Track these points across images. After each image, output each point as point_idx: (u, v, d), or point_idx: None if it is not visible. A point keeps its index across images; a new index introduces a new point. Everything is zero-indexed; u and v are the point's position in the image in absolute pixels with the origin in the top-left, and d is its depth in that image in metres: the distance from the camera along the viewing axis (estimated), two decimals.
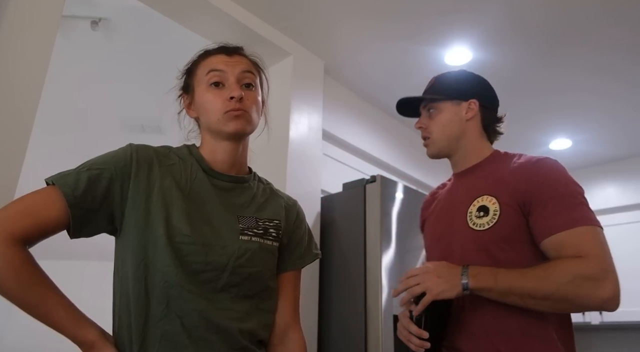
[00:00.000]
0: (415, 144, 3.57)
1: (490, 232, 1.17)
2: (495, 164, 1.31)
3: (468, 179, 1.33)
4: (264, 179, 1.21)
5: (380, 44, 2.70)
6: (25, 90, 1.48)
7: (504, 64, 2.79)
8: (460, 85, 1.41)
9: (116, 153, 1.00)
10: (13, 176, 1.39)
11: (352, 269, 2.25)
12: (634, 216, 3.74)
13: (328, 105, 2.85)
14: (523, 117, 3.39)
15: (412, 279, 1.12)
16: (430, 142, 1.41)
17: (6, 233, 0.85)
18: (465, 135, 1.36)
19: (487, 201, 1.21)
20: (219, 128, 1.06)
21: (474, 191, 1.26)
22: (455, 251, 1.22)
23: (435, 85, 1.43)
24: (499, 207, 1.17)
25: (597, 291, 1.07)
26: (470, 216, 1.22)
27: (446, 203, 1.36)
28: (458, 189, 1.34)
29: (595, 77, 2.89)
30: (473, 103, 1.37)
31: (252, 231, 1.05)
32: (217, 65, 1.08)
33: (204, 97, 1.07)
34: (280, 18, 2.49)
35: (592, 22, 2.43)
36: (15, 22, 1.49)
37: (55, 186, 0.92)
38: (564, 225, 1.10)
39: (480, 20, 2.47)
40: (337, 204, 2.49)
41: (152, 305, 0.92)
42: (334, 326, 2.26)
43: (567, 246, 1.08)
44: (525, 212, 1.15)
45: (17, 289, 0.85)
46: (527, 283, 1.06)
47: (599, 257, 1.08)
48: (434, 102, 1.38)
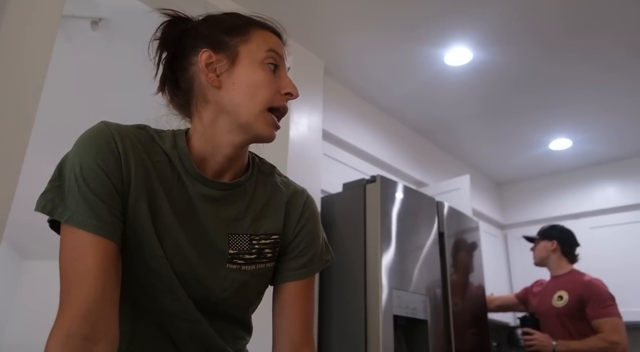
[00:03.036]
0: (415, 144, 3.57)
1: (562, 309, 2.49)
2: (569, 276, 2.64)
3: (553, 282, 2.69)
4: (266, 166, 0.98)
5: (380, 44, 2.70)
6: (25, 90, 1.48)
7: (504, 64, 2.79)
8: (548, 231, 2.79)
9: (99, 147, 0.76)
10: (13, 176, 1.39)
11: (352, 269, 2.25)
12: (634, 216, 3.74)
13: (328, 105, 2.85)
14: (523, 117, 3.39)
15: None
16: (534, 258, 2.81)
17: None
18: (553, 260, 2.73)
19: (562, 293, 2.54)
20: (252, 121, 0.82)
21: (556, 287, 2.61)
22: (539, 314, 2.65)
23: (540, 230, 2.85)
24: (568, 298, 2.50)
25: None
26: (553, 299, 2.55)
27: (542, 291, 2.73)
28: (548, 286, 2.70)
29: (596, 77, 2.89)
30: (555, 242, 2.73)
31: (243, 258, 0.87)
32: (277, 47, 0.88)
33: (258, 74, 0.83)
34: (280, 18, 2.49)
35: (592, 21, 2.43)
36: (15, 22, 1.49)
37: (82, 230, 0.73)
38: (600, 316, 2.42)
39: (480, 21, 2.47)
40: (337, 204, 2.49)
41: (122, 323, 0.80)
42: (334, 325, 2.26)
43: (601, 329, 2.39)
44: (580, 303, 2.49)
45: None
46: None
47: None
48: (537, 241, 2.81)
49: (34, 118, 1.48)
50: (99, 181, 0.74)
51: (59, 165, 0.77)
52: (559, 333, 2.46)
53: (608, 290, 2.48)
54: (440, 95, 3.17)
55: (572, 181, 4.14)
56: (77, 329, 0.67)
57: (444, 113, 3.40)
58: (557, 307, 2.49)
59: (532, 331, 2.49)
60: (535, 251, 2.74)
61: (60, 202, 0.73)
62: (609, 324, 2.34)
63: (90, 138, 0.77)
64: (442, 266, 2.51)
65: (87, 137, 0.77)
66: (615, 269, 3.39)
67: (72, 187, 0.74)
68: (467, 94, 3.15)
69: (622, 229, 3.74)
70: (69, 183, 0.74)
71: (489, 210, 4.24)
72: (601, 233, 3.80)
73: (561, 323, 2.46)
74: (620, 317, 2.38)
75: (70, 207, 0.73)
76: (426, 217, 2.53)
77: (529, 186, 4.41)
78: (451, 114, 3.42)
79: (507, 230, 4.35)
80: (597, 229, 3.84)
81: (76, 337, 0.66)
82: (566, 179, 4.17)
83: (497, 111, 3.36)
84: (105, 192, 0.75)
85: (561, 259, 2.66)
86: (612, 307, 2.40)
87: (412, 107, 3.32)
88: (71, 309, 0.68)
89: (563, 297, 2.49)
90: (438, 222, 2.58)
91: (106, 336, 0.69)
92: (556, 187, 4.22)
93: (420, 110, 3.36)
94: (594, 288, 2.47)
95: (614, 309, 2.40)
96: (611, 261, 3.56)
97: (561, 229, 2.76)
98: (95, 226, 0.72)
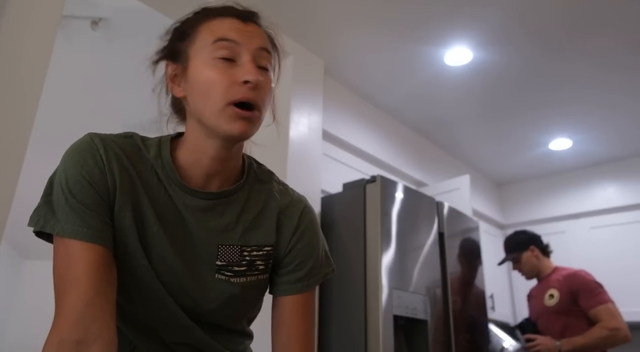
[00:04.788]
0: (415, 144, 3.57)
1: (555, 307, 2.49)
2: (555, 273, 2.62)
3: (542, 284, 2.65)
4: (264, 173, 0.92)
5: (380, 44, 2.70)
6: (25, 90, 1.48)
7: (504, 64, 2.79)
8: (519, 242, 2.71)
9: (84, 160, 0.76)
10: (13, 176, 1.39)
11: (352, 269, 2.25)
12: (634, 216, 3.74)
13: (328, 105, 2.85)
14: (523, 117, 3.39)
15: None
16: (524, 274, 2.72)
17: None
18: (540, 263, 2.68)
19: (553, 291, 2.53)
20: (215, 123, 0.77)
21: (546, 288, 2.59)
22: (536, 317, 2.65)
23: (506, 248, 2.77)
24: (559, 295, 2.50)
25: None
26: (545, 299, 2.55)
27: (533, 294, 2.73)
28: (537, 288, 2.68)
29: (596, 76, 2.89)
30: (534, 247, 2.68)
31: (232, 270, 0.83)
32: (228, 33, 0.79)
33: (205, 73, 0.77)
34: (280, 18, 2.49)
35: (592, 21, 2.43)
36: (15, 22, 1.49)
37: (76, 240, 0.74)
38: (595, 304, 2.42)
39: (480, 21, 2.47)
40: (337, 204, 2.49)
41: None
42: (334, 325, 2.26)
43: (599, 317, 2.39)
44: (572, 297, 2.49)
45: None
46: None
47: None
48: (516, 256, 2.71)
49: (34, 118, 1.48)
50: (84, 192, 0.74)
51: (49, 179, 0.78)
52: (559, 331, 2.46)
53: (594, 278, 2.51)
54: (440, 95, 3.17)
55: (572, 181, 4.14)
56: (69, 334, 0.68)
57: (444, 113, 3.40)
58: (550, 306, 2.51)
59: (534, 336, 2.47)
60: (523, 267, 2.68)
61: (52, 216, 0.74)
62: (604, 311, 2.37)
63: (75, 151, 0.77)
64: (442, 266, 2.51)
65: (73, 150, 0.77)
66: (615, 269, 3.40)
67: (60, 200, 0.74)
68: (467, 94, 3.15)
69: (622, 229, 3.74)
70: (57, 197, 0.74)
71: (489, 210, 4.24)
72: (601, 233, 3.81)
73: (558, 321, 2.48)
74: (613, 302, 2.41)
75: (60, 219, 0.73)
76: (426, 217, 2.53)
77: (529, 186, 4.41)
78: (451, 114, 3.42)
79: (507, 230, 4.34)
80: (597, 229, 3.84)
81: (69, 342, 0.67)
82: (566, 179, 4.17)
83: (497, 111, 3.36)
84: (92, 202, 0.75)
85: (544, 260, 2.67)
86: (602, 294, 2.42)
87: (412, 107, 3.32)
88: (64, 315, 0.69)
89: (554, 295, 2.51)
90: (438, 222, 2.58)
91: (101, 338, 0.69)
92: (556, 187, 4.22)
93: (420, 110, 3.36)
94: (580, 280, 2.49)
95: (605, 296, 2.42)
96: (611, 261, 3.56)
97: (525, 232, 2.75)
98: (87, 234, 0.73)
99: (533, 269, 2.65)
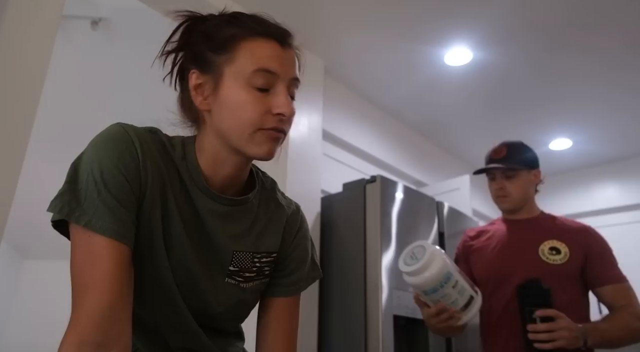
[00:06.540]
0: (415, 144, 3.57)
1: (563, 267, 1.58)
2: (551, 219, 1.75)
3: (527, 226, 1.72)
4: (268, 181, 0.95)
5: (380, 44, 2.70)
6: (25, 91, 1.48)
7: (504, 64, 2.79)
8: (529, 157, 1.79)
9: (121, 153, 0.74)
10: (13, 176, 1.39)
11: (352, 269, 2.25)
12: (634, 216, 3.75)
13: (328, 105, 2.85)
14: (523, 117, 3.39)
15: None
16: (509, 200, 1.73)
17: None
18: (532, 195, 1.77)
19: (556, 243, 1.63)
20: (244, 145, 0.78)
21: (540, 235, 1.66)
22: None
23: (509, 154, 1.77)
24: (568, 251, 1.61)
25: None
26: (543, 253, 1.62)
27: (507, 242, 1.70)
28: (520, 233, 1.71)
29: (596, 75, 2.89)
30: (538, 172, 1.77)
31: (243, 276, 0.86)
32: (270, 63, 0.77)
33: (241, 98, 0.76)
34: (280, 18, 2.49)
35: (593, 19, 2.43)
36: (15, 22, 1.49)
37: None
38: (616, 279, 1.63)
39: (480, 21, 2.47)
40: (337, 204, 2.50)
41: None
42: (334, 326, 2.26)
43: (619, 297, 1.60)
44: (584, 259, 1.62)
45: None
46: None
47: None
48: (514, 170, 1.73)
49: (34, 118, 1.48)
50: (120, 187, 0.72)
51: (74, 166, 0.74)
52: (564, 307, 1.47)
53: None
54: (440, 95, 3.17)
55: (572, 181, 4.14)
56: (90, 336, 0.65)
57: (444, 113, 3.40)
58: (554, 265, 1.58)
59: (553, 313, 1.42)
60: (514, 189, 1.72)
61: (77, 205, 0.70)
62: (628, 291, 1.61)
63: (109, 141, 0.75)
64: None
65: (107, 140, 0.75)
66: None
67: (91, 192, 0.71)
68: (467, 94, 3.15)
69: (622, 229, 3.74)
70: (87, 187, 0.71)
71: (489, 210, 4.23)
72: (601, 233, 3.80)
73: (564, 290, 1.55)
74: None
75: (88, 211, 0.70)
76: (426, 217, 2.53)
77: None
78: (451, 114, 3.42)
79: None
80: (597, 229, 3.83)
81: (90, 344, 0.65)
82: (566, 179, 4.17)
83: (497, 111, 3.36)
84: (126, 198, 0.73)
85: (534, 196, 1.80)
86: (620, 270, 1.68)
87: (412, 107, 3.32)
88: (85, 315, 0.66)
89: (561, 250, 1.61)
90: (438, 222, 2.58)
91: (119, 342, 0.68)
92: (556, 187, 4.22)
93: (420, 110, 3.36)
94: (599, 240, 1.70)
95: (622, 273, 1.67)
96: None
97: (529, 148, 1.84)
98: (117, 231, 0.71)
99: (524, 199, 1.73)
